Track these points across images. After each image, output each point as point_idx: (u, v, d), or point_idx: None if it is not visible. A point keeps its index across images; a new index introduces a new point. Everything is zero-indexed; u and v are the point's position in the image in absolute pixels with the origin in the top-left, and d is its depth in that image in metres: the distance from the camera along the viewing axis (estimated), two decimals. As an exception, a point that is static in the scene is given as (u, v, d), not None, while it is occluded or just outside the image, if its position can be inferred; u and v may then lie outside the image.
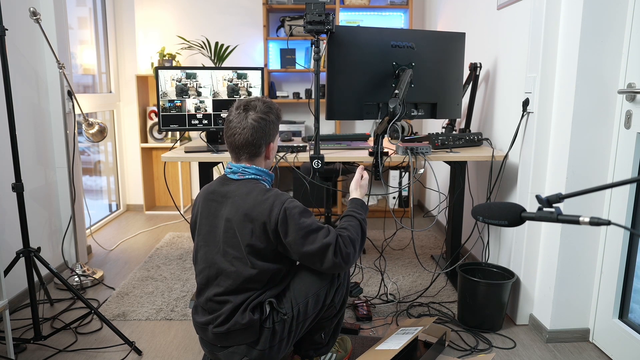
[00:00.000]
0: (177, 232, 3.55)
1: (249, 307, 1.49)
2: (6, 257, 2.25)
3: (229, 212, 1.52)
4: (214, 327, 1.52)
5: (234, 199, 1.52)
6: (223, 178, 1.61)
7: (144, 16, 4.03)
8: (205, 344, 1.62)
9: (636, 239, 1.85)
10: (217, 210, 1.56)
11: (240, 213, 1.48)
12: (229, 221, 1.51)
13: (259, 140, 1.54)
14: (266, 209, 1.46)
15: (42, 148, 2.60)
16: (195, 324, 1.61)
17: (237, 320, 1.48)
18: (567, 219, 0.93)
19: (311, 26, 1.94)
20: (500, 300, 2.08)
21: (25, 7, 2.46)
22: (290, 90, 4.20)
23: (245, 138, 1.53)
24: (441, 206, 3.60)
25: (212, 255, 1.55)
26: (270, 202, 1.47)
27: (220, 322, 1.51)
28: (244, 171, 1.56)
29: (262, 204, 1.47)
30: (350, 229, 1.56)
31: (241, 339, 1.51)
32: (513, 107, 2.34)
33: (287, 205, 1.47)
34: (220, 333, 1.51)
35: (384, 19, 4.11)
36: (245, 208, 1.48)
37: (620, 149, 1.86)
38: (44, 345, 1.99)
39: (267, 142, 1.58)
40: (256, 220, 1.46)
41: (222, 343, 1.54)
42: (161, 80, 2.29)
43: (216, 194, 1.58)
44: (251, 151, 1.56)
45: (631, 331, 1.82)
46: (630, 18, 1.80)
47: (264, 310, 1.51)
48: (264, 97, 1.68)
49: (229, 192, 1.54)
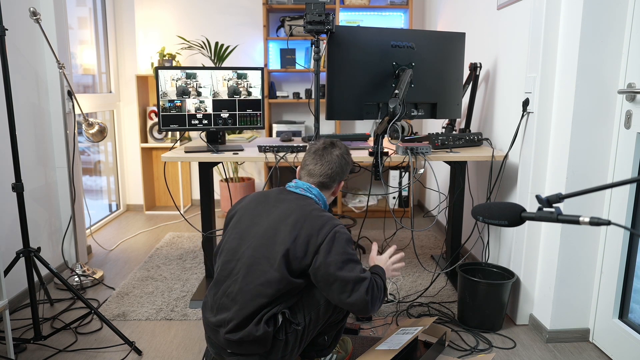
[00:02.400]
0: (177, 232, 3.55)
1: (263, 318, 1.48)
2: (6, 257, 2.25)
3: (279, 214, 1.55)
4: (226, 332, 1.50)
5: (289, 205, 1.57)
6: (282, 189, 1.68)
7: (144, 16, 4.04)
8: (213, 345, 1.60)
9: (636, 239, 1.85)
10: (265, 211, 1.60)
11: (292, 219, 1.52)
12: (276, 223, 1.54)
13: (335, 175, 1.67)
14: (318, 224, 1.50)
15: (42, 148, 2.60)
16: (206, 323, 1.59)
17: (250, 332, 1.46)
18: (567, 219, 0.93)
19: (311, 26, 1.94)
20: (500, 300, 2.08)
21: (25, 7, 2.46)
22: (290, 90, 4.20)
23: (325, 169, 1.66)
24: (441, 206, 3.60)
25: (242, 249, 1.56)
26: (324, 220, 1.52)
27: (232, 328, 1.49)
28: (308, 189, 1.64)
29: (316, 219, 1.52)
30: (380, 284, 1.58)
31: (254, 349, 1.50)
32: (513, 107, 2.34)
33: (339, 229, 1.51)
34: (232, 341, 1.49)
35: (384, 19, 4.11)
36: (297, 216, 1.52)
37: (620, 149, 1.86)
38: (44, 345, 1.99)
39: (340, 179, 1.70)
40: (304, 230, 1.49)
41: (233, 350, 1.53)
42: (161, 80, 2.29)
43: (271, 198, 1.64)
44: (324, 182, 1.66)
45: (631, 331, 1.82)
46: (630, 18, 1.80)
47: (277, 321, 1.51)
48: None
49: (286, 199, 1.61)
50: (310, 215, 1.52)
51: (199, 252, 3.12)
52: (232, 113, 2.41)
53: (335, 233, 1.49)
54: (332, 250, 1.47)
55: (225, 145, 2.51)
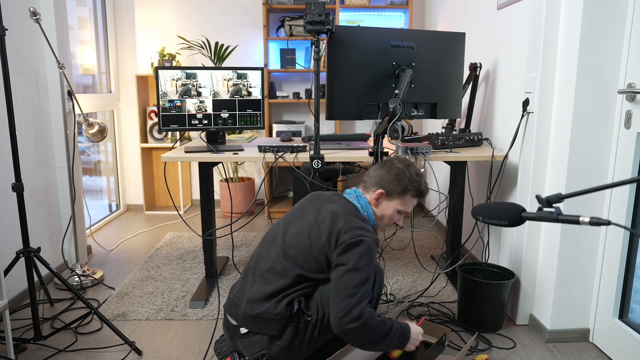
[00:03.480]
0: (177, 232, 3.55)
1: (284, 299, 1.54)
2: (6, 257, 2.25)
3: (324, 211, 1.59)
4: (246, 304, 1.57)
5: (334, 205, 1.60)
6: (339, 193, 1.73)
7: (144, 16, 4.04)
8: (229, 327, 1.66)
9: (636, 239, 1.85)
10: (314, 206, 1.64)
11: (331, 217, 1.56)
12: (317, 219, 1.58)
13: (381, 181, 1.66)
14: (350, 227, 1.51)
15: (42, 148, 2.60)
16: (230, 301, 1.67)
17: (269, 308, 1.53)
18: (567, 219, 0.93)
19: (311, 26, 1.94)
20: (500, 300, 2.08)
21: (25, 7, 2.46)
22: (290, 90, 4.20)
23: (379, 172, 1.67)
24: (441, 206, 3.60)
25: (281, 234, 1.64)
26: (359, 226, 1.53)
27: (253, 300, 1.56)
28: (357, 197, 1.67)
29: (352, 222, 1.53)
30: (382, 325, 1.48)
31: (266, 329, 1.55)
32: (513, 107, 2.34)
33: (366, 241, 1.49)
34: (250, 315, 1.56)
35: (384, 19, 4.11)
36: (337, 216, 1.55)
37: (620, 149, 1.86)
38: (44, 345, 1.99)
39: (381, 186, 1.65)
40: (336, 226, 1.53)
41: (247, 326, 1.58)
42: (161, 80, 2.29)
43: (324, 197, 1.69)
44: (365, 182, 1.70)
45: (631, 331, 1.82)
46: (630, 18, 1.80)
47: (293, 307, 1.56)
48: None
49: (334, 201, 1.64)
50: (346, 218, 1.55)
51: (199, 252, 3.12)
52: (232, 113, 2.41)
53: (358, 242, 1.48)
54: (345, 253, 1.49)
55: (225, 145, 2.51)
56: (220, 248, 3.23)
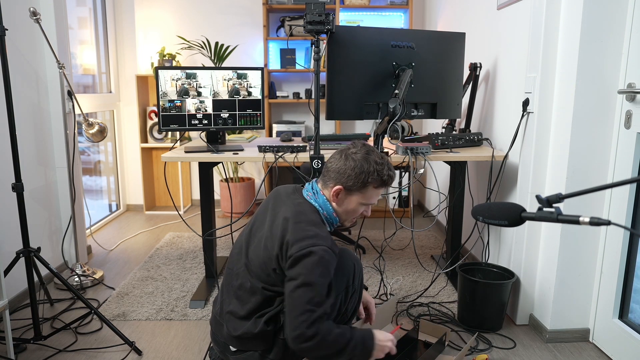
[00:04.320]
0: (177, 232, 3.55)
1: (264, 317, 1.47)
2: (6, 257, 2.25)
3: (277, 218, 1.49)
4: (227, 326, 1.53)
5: (287, 210, 1.49)
6: (296, 188, 1.61)
7: (144, 16, 4.03)
8: (218, 343, 1.62)
9: (636, 239, 1.85)
10: (271, 211, 1.55)
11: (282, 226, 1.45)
12: (272, 227, 1.49)
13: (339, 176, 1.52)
14: (300, 236, 1.40)
15: (42, 148, 2.60)
16: (213, 319, 1.63)
17: (249, 329, 1.48)
18: (567, 219, 0.93)
19: (311, 26, 1.94)
20: (500, 300, 2.08)
21: (25, 7, 2.46)
22: (290, 90, 4.20)
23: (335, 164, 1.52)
24: (441, 206, 3.60)
25: (244, 247, 1.58)
26: (310, 235, 1.40)
27: (232, 321, 1.52)
28: (315, 193, 1.55)
29: (302, 231, 1.41)
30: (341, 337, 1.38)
31: (254, 346, 1.51)
32: (513, 107, 2.34)
33: (318, 252, 1.37)
34: (234, 336, 1.52)
35: (384, 19, 4.11)
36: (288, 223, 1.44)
37: (620, 149, 1.86)
38: (44, 345, 1.99)
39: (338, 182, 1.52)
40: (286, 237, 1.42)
41: (235, 345, 1.55)
42: (161, 80, 2.29)
43: (281, 198, 1.58)
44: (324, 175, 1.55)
45: (631, 331, 1.82)
46: (630, 18, 1.80)
47: (278, 320, 1.50)
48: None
49: (290, 203, 1.52)
50: (297, 225, 1.43)
51: (199, 252, 3.12)
52: (232, 113, 2.41)
53: (308, 254, 1.36)
54: (296, 267, 1.38)
55: (225, 145, 2.51)
56: (220, 248, 3.23)
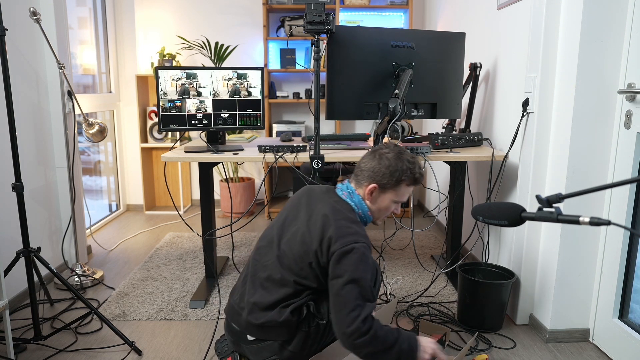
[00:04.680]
0: (177, 232, 3.55)
1: (289, 307, 1.51)
2: (6, 257, 2.25)
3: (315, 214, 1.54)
4: (248, 313, 1.54)
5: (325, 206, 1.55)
6: (330, 188, 1.67)
7: (144, 16, 4.03)
8: (233, 332, 1.62)
9: (636, 239, 1.85)
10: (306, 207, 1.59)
11: (322, 221, 1.50)
12: (309, 222, 1.53)
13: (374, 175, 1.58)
14: (342, 233, 1.46)
15: (42, 148, 2.60)
16: (230, 307, 1.63)
17: (273, 317, 1.50)
18: (567, 219, 0.93)
19: (311, 26, 1.94)
20: (500, 300, 2.08)
21: (25, 7, 2.46)
22: (290, 90, 4.20)
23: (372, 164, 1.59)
24: (441, 206, 3.60)
25: (276, 240, 1.59)
26: (351, 231, 1.46)
27: (255, 311, 1.53)
28: (350, 194, 1.60)
29: (343, 228, 1.47)
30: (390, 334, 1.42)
31: (275, 336, 1.53)
32: (513, 107, 2.34)
33: (359, 247, 1.44)
34: (254, 324, 1.53)
35: (384, 19, 4.11)
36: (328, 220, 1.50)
37: (620, 149, 1.86)
38: (44, 345, 1.99)
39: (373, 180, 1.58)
40: (327, 234, 1.47)
41: (254, 335, 1.55)
42: (161, 80, 2.29)
43: (315, 195, 1.63)
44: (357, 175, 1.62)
45: (631, 331, 1.82)
46: (630, 18, 1.80)
47: (302, 312, 1.53)
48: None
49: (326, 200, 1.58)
50: (337, 223, 1.49)
51: (199, 252, 3.12)
52: (232, 113, 2.41)
53: (350, 250, 1.43)
54: (340, 264, 1.43)
55: (225, 145, 2.51)
56: (220, 248, 3.23)
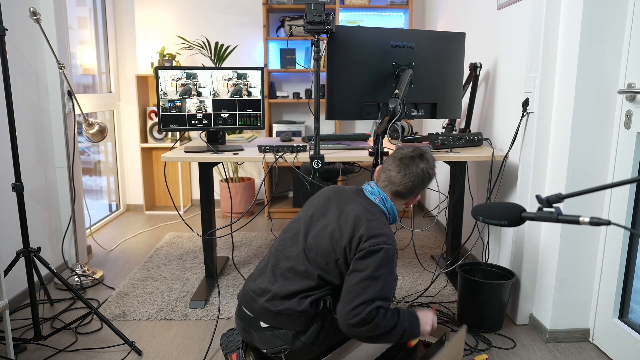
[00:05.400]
0: (177, 232, 3.55)
1: (308, 298, 1.53)
2: (6, 257, 2.25)
3: (346, 213, 1.56)
4: (266, 300, 1.55)
5: (357, 207, 1.56)
6: (359, 189, 1.68)
7: (144, 16, 4.04)
8: (244, 319, 1.63)
9: (636, 239, 1.85)
10: (336, 205, 1.61)
11: (353, 220, 1.52)
12: (340, 220, 1.55)
13: (414, 188, 1.63)
14: (373, 234, 1.48)
15: (42, 148, 2.60)
16: (244, 294, 1.64)
17: (292, 306, 1.52)
18: (567, 219, 0.93)
19: (311, 26, 1.94)
20: (500, 300, 2.08)
21: (25, 7, 2.46)
22: (290, 90, 4.20)
23: (407, 180, 1.60)
24: (441, 206, 3.60)
25: (303, 233, 1.61)
26: (382, 233, 1.49)
27: (273, 298, 1.54)
28: (383, 200, 1.62)
29: (375, 228, 1.50)
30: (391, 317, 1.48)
31: (290, 325, 1.54)
32: (513, 107, 2.34)
33: (387, 249, 1.46)
34: (270, 310, 1.54)
35: (384, 19, 4.11)
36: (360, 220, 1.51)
37: (620, 149, 1.86)
38: (44, 345, 1.99)
39: (418, 193, 1.66)
40: (357, 232, 1.49)
41: (268, 322, 1.56)
42: (161, 80, 2.29)
43: (345, 194, 1.65)
44: (401, 192, 1.63)
45: (631, 331, 1.82)
46: (630, 18, 1.80)
47: (319, 305, 1.55)
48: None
49: (357, 201, 1.60)
50: (369, 224, 1.50)
51: (199, 252, 3.12)
52: (232, 113, 2.41)
53: (379, 250, 1.45)
54: (362, 265, 1.46)
55: (225, 145, 2.51)
56: (220, 248, 3.23)
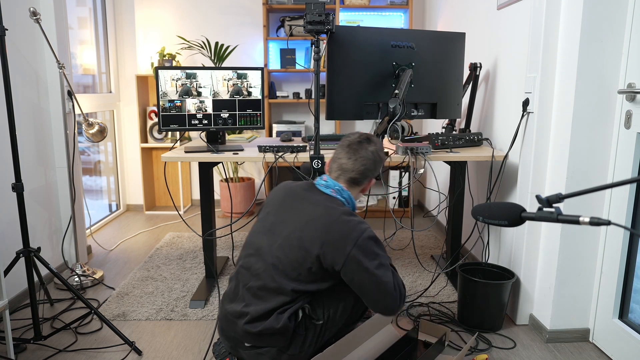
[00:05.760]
0: (177, 232, 3.55)
1: (285, 313, 1.49)
2: (6, 257, 2.25)
3: (307, 217, 1.52)
4: (245, 323, 1.52)
5: (317, 207, 1.53)
6: (311, 185, 1.64)
7: (144, 16, 4.04)
8: (228, 338, 1.60)
9: (636, 239, 1.85)
10: (293, 210, 1.57)
11: (319, 223, 1.49)
12: (303, 226, 1.51)
13: (367, 172, 1.61)
14: (346, 231, 1.47)
15: (42, 148, 2.60)
16: (224, 314, 1.60)
17: (271, 325, 1.49)
18: (567, 219, 0.93)
19: (311, 26, 1.94)
20: (500, 300, 2.08)
21: (25, 7, 2.46)
22: (290, 90, 4.20)
23: (358, 165, 1.59)
24: (441, 206, 3.60)
25: (265, 247, 1.56)
26: (352, 226, 1.49)
27: (252, 320, 1.51)
28: (339, 191, 1.60)
29: (344, 224, 1.48)
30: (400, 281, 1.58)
31: (272, 342, 1.52)
32: (513, 107, 2.34)
33: (367, 234, 1.49)
34: (251, 332, 1.51)
35: (384, 19, 4.11)
36: (325, 221, 1.49)
37: (620, 149, 1.86)
38: (44, 345, 1.99)
39: (371, 176, 1.65)
40: (331, 236, 1.47)
41: (251, 342, 1.54)
42: (161, 80, 2.29)
43: (298, 194, 1.61)
44: (356, 178, 1.61)
45: (631, 331, 1.82)
46: (630, 18, 1.80)
47: (297, 316, 1.53)
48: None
49: (314, 200, 1.56)
50: (338, 220, 1.49)
51: (199, 252, 3.12)
52: (232, 113, 2.41)
53: (364, 240, 1.47)
54: (364, 257, 1.46)
55: (225, 145, 2.51)
56: (220, 248, 3.23)
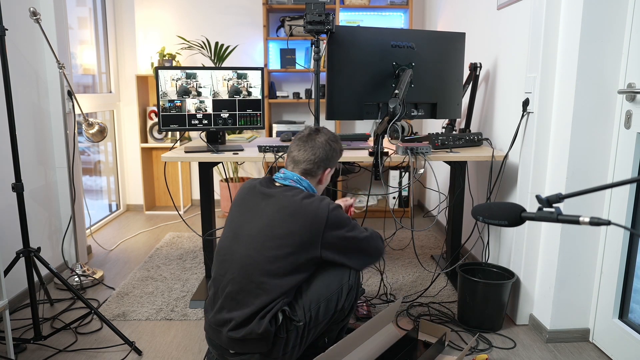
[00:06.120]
0: (177, 232, 3.55)
1: (266, 316, 1.49)
2: (6, 257, 2.25)
3: (272, 212, 1.53)
4: (228, 330, 1.51)
5: (278, 200, 1.55)
6: (269, 179, 1.66)
7: (144, 16, 4.04)
8: (215, 346, 1.60)
9: (636, 239, 1.85)
10: (255, 207, 1.58)
11: (286, 213, 1.51)
12: (271, 221, 1.52)
13: (319, 161, 1.64)
14: (311, 212, 1.51)
15: (42, 148, 2.60)
16: (208, 324, 1.60)
17: (253, 329, 1.48)
18: (567, 219, 0.93)
19: (311, 26, 1.94)
20: (500, 300, 2.08)
21: (25, 7, 2.46)
22: (290, 90, 4.20)
23: (309, 155, 1.63)
24: (441, 206, 3.60)
25: (236, 249, 1.56)
26: (317, 202, 1.53)
27: (234, 326, 1.50)
28: (298, 180, 1.62)
29: (310, 204, 1.52)
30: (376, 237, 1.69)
31: (256, 348, 1.51)
32: (513, 107, 2.34)
33: (331, 208, 1.54)
34: (235, 338, 1.51)
35: (384, 19, 4.11)
36: (290, 211, 1.51)
37: (620, 149, 1.86)
38: (44, 345, 1.99)
39: (325, 166, 1.68)
40: (300, 222, 1.50)
41: (235, 349, 1.54)
42: (161, 80, 2.29)
43: (257, 192, 1.62)
44: (308, 169, 1.64)
45: (631, 331, 1.82)
46: (630, 18, 1.80)
47: (278, 319, 1.51)
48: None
49: (273, 194, 1.57)
50: (301, 205, 1.52)
51: (199, 252, 3.12)
52: (232, 113, 2.41)
53: (331, 215, 1.52)
54: (339, 229, 1.52)
55: (225, 145, 2.51)
56: (220, 248, 3.23)
